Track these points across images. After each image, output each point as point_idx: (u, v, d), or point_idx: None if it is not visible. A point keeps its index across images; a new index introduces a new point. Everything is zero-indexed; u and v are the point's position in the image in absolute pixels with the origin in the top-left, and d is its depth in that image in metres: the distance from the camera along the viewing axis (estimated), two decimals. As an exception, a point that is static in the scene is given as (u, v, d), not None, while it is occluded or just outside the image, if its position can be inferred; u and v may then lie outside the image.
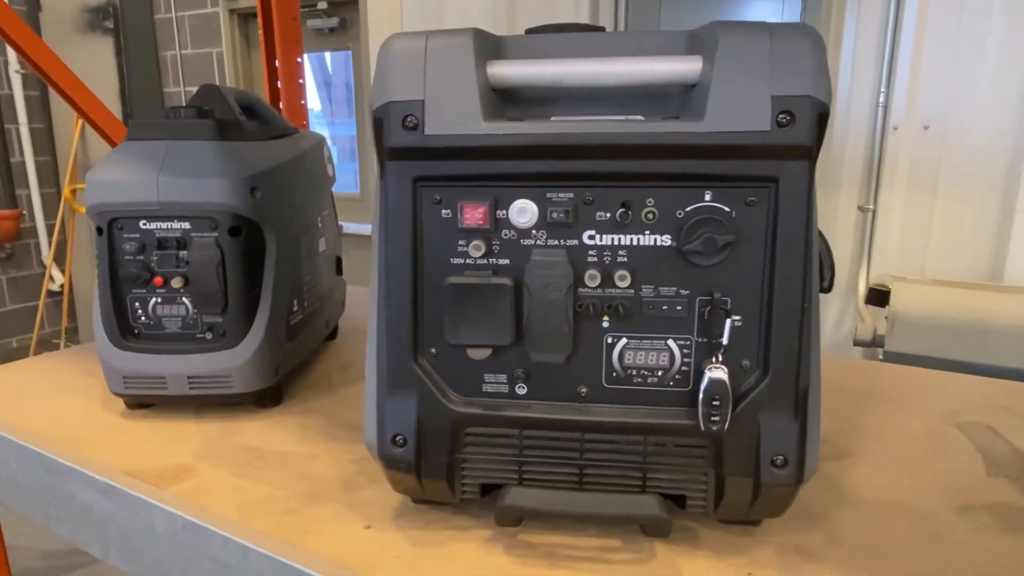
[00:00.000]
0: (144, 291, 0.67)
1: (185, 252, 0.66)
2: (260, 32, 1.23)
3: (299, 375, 0.81)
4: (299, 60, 1.26)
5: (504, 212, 0.43)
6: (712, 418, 0.42)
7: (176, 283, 0.66)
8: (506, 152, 0.41)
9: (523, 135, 0.40)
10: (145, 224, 0.65)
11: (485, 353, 0.45)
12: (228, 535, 0.51)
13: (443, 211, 0.44)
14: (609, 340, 0.44)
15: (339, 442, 0.65)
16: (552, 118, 0.43)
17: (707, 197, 0.41)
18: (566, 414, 0.45)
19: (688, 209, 0.42)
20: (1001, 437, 0.66)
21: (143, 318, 0.67)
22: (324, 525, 0.51)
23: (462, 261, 0.44)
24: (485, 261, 0.44)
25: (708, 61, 0.40)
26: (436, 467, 0.47)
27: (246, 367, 0.68)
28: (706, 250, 0.41)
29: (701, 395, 0.42)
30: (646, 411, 0.45)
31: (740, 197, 0.41)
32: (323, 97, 3.14)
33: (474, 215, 0.43)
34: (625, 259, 0.43)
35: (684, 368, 0.44)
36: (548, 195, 0.42)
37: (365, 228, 2.65)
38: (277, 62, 1.24)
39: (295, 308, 0.75)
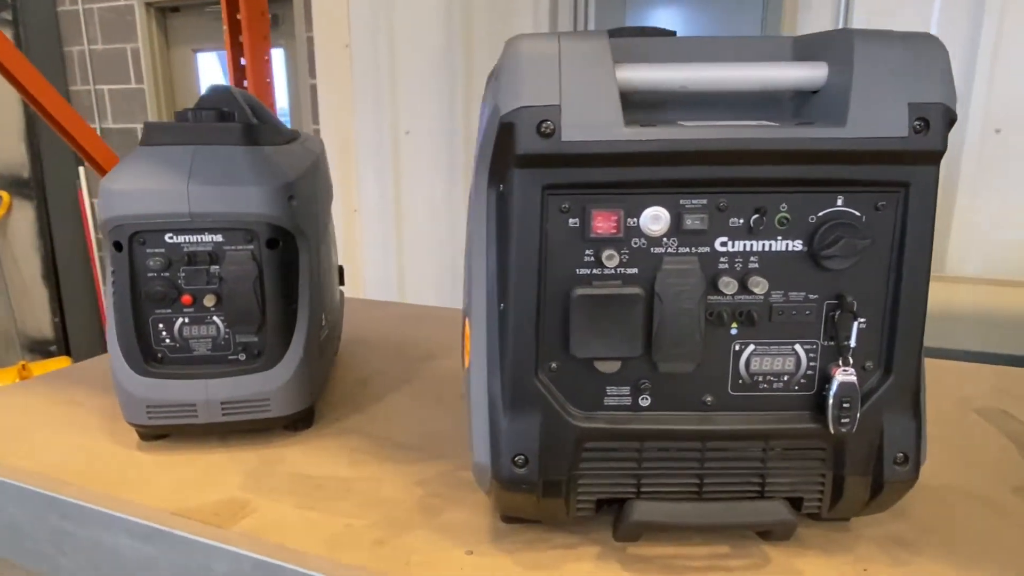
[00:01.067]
0: (170, 311, 0.61)
1: (217, 267, 0.60)
2: (224, 27, 1.16)
3: (320, 393, 0.77)
4: (267, 57, 1.19)
5: (635, 220, 0.42)
6: (842, 421, 0.43)
7: (208, 301, 0.60)
8: (644, 158, 0.40)
9: (666, 140, 0.39)
10: (172, 238, 0.59)
11: (615, 366, 0.43)
12: (316, 574, 0.47)
13: (571, 220, 0.42)
14: (737, 347, 0.44)
15: (395, 463, 0.61)
16: (679, 123, 0.42)
17: (839, 202, 0.42)
18: (690, 424, 0.44)
19: (820, 214, 0.42)
20: (1018, 420, 0.71)
21: (168, 340, 0.61)
22: (423, 554, 0.48)
23: (589, 271, 0.43)
24: (613, 271, 0.42)
25: (840, 67, 0.41)
26: (555, 485, 0.45)
27: (285, 389, 0.63)
28: (845, 255, 0.41)
29: (831, 399, 0.43)
30: (769, 417, 0.45)
31: (870, 202, 0.42)
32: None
33: (606, 224, 0.42)
34: (756, 265, 0.42)
35: (809, 372, 0.44)
36: (682, 202, 0.42)
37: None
38: (243, 60, 1.17)
39: (323, 323, 0.71)
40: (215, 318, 0.61)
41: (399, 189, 1.93)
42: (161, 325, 0.61)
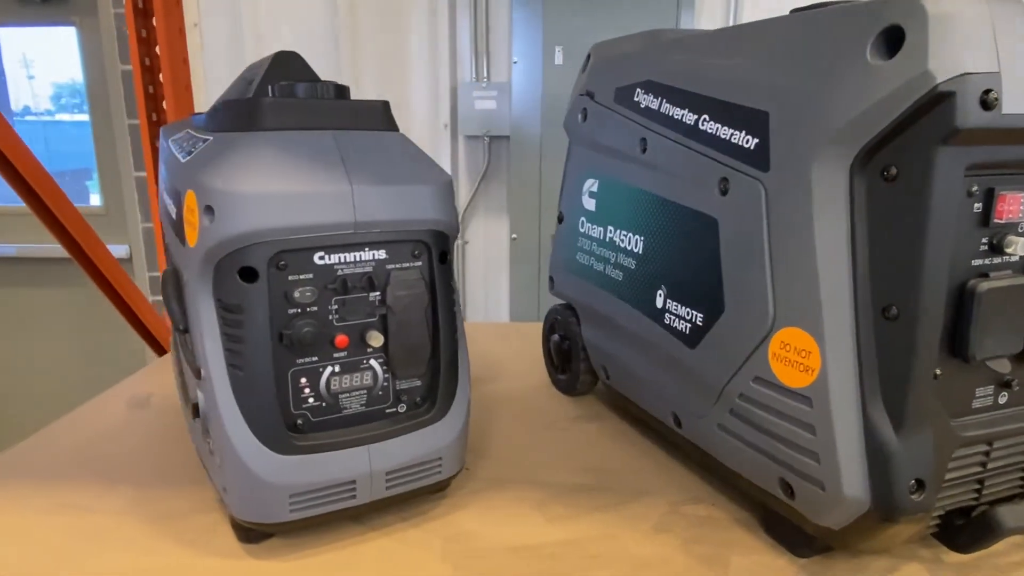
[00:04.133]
0: (316, 359, 0.44)
1: (376, 294, 0.45)
2: (132, 47, 0.90)
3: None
4: (181, 28, 0.94)
5: (1025, 203, 0.38)
6: None
7: (374, 341, 0.44)
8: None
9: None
10: (323, 258, 0.43)
11: (1007, 365, 0.39)
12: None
13: (975, 205, 0.37)
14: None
15: (602, 512, 0.51)
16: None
17: None
18: (1036, 416, 0.42)
19: None
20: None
21: (312, 400, 0.44)
22: (776, 617, 0.40)
23: (983, 262, 0.38)
24: (1006, 259, 0.38)
25: None
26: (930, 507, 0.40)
27: (458, 442, 0.49)
28: None
29: None
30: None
31: None
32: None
33: (1012, 207, 0.37)
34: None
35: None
36: (1063, 181, 0.39)
37: (118, 250, 2.11)
38: (152, 88, 0.92)
39: (445, 353, 0.57)
40: (372, 361, 0.46)
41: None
42: (304, 380, 0.44)
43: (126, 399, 0.72)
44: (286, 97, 0.46)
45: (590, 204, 0.64)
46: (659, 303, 0.54)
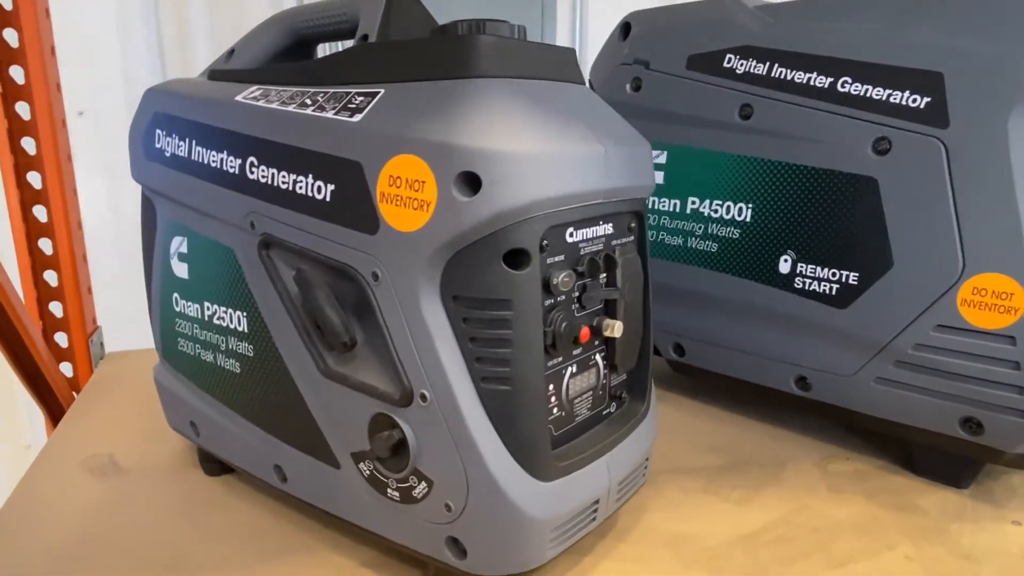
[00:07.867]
0: (560, 360, 0.36)
1: (604, 275, 0.38)
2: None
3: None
4: (53, 49, 0.71)
5: None
6: None
7: (615, 330, 0.38)
8: None
9: None
10: (571, 235, 0.35)
11: None
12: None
13: None
14: None
15: (772, 486, 0.50)
16: None
17: None
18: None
19: None
20: None
21: (556, 409, 0.36)
22: (983, 544, 0.43)
23: None
24: None
25: None
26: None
27: (654, 439, 0.44)
28: None
29: None
30: None
31: None
32: None
33: None
34: None
35: None
36: None
37: None
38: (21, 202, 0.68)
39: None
40: (597, 356, 0.39)
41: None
42: (552, 386, 0.36)
43: (79, 465, 0.52)
44: (461, 33, 0.36)
45: (655, 177, 0.62)
46: (784, 268, 0.54)
